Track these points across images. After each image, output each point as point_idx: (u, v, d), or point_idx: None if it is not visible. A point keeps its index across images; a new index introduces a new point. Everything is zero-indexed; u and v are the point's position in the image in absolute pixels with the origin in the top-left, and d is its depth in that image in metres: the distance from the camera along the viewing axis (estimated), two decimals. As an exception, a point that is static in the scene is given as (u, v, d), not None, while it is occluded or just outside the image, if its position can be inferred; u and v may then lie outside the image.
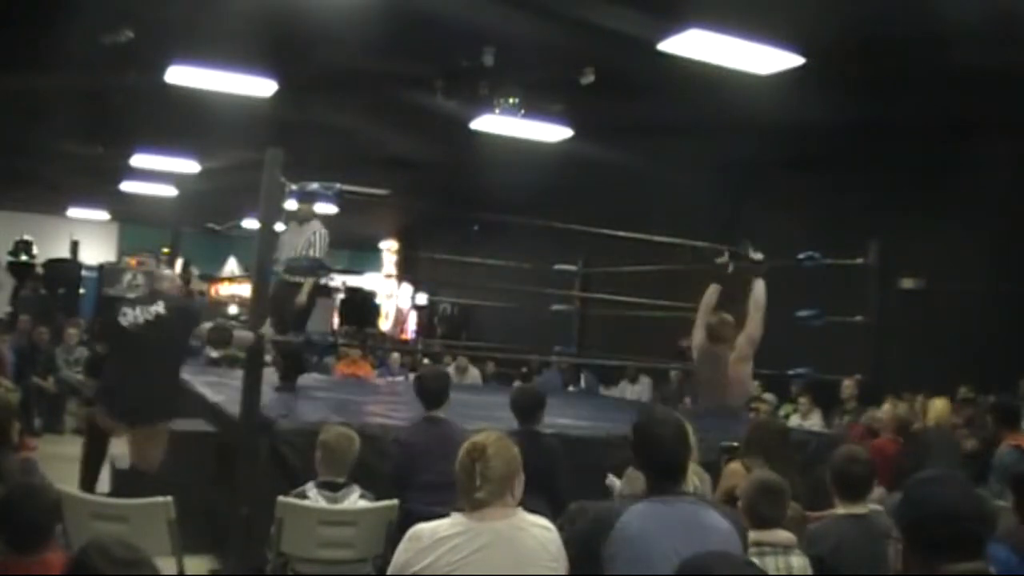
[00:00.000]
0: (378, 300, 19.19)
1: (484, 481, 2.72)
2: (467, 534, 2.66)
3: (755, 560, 2.85)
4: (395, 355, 12.96)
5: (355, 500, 4.18)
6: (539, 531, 2.76)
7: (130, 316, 5.39)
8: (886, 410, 6.98)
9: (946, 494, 2.18)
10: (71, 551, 3.03)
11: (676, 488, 2.73)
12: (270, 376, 6.66)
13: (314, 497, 4.14)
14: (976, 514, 2.17)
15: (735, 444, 4.70)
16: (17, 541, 2.64)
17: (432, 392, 4.86)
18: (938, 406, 6.99)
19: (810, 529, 3.55)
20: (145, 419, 5.33)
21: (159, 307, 5.40)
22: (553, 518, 3.10)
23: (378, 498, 4.26)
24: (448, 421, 4.85)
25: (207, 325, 5.81)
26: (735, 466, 4.38)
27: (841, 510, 3.57)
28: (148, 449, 5.33)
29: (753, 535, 3.16)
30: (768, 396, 10.00)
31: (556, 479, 4.51)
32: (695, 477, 3.59)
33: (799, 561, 3.23)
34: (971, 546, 2.14)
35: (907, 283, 9.60)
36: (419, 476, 4.50)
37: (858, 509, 3.55)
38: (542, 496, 4.06)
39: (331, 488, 4.17)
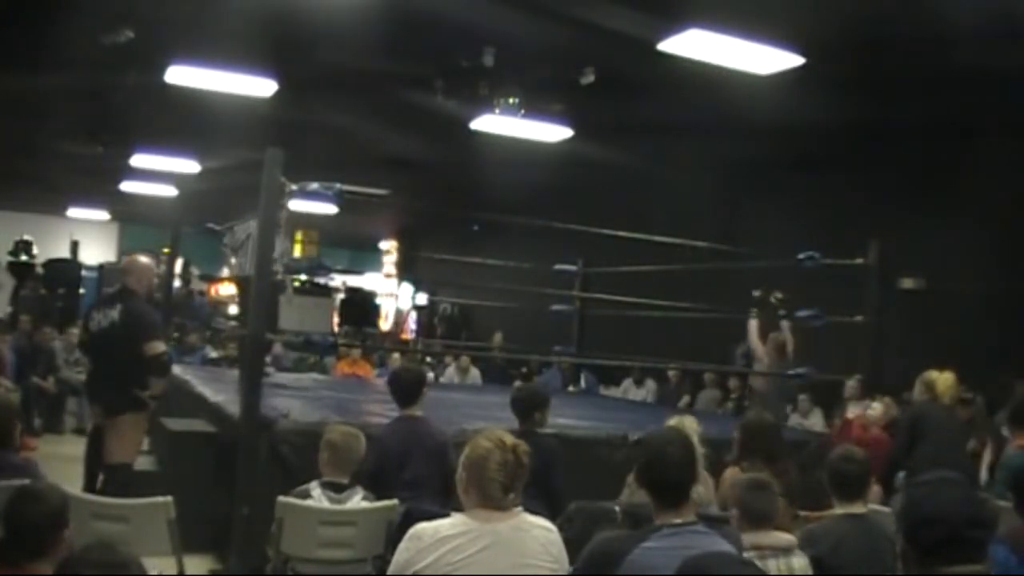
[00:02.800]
0: (378, 300, 19.18)
1: (516, 482, 2.72)
2: (469, 535, 2.65)
3: (756, 563, 2.84)
4: (395, 355, 12.96)
5: (358, 502, 4.19)
6: (541, 532, 2.76)
7: (95, 320, 5.68)
8: (876, 407, 6.74)
9: (945, 498, 2.18)
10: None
11: (680, 508, 2.69)
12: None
13: (318, 497, 4.15)
14: (975, 518, 2.16)
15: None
16: (19, 547, 2.62)
17: (408, 391, 4.83)
18: (945, 379, 6.20)
19: (809, 529, 3.55)
20: (109, 412, 5.49)
21: (115, 313, 5.56)
22: (551, 519, 3.10)
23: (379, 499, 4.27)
24: (425, 419, 4.84)
25: (160, 347, 5.54)
26: (733, 471, 4.38)
27: (839, 510, 3.58)
28: (112, 441, 5.43)
29: (752, 538, 3.16)
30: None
31: (554, 480, 4.50)
32: (700, 485, 3.60)
33: (800, 562, 3.22)
34: (969, 549, 2.14)
35: (907, 283, 9.59)
36: (398, 474, 4.49)
37: (856, 509, 3.56)
38: (540, 497, 4.06)
39: (335, 489, 4.18)
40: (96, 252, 19.81)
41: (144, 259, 6.04)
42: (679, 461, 2.75)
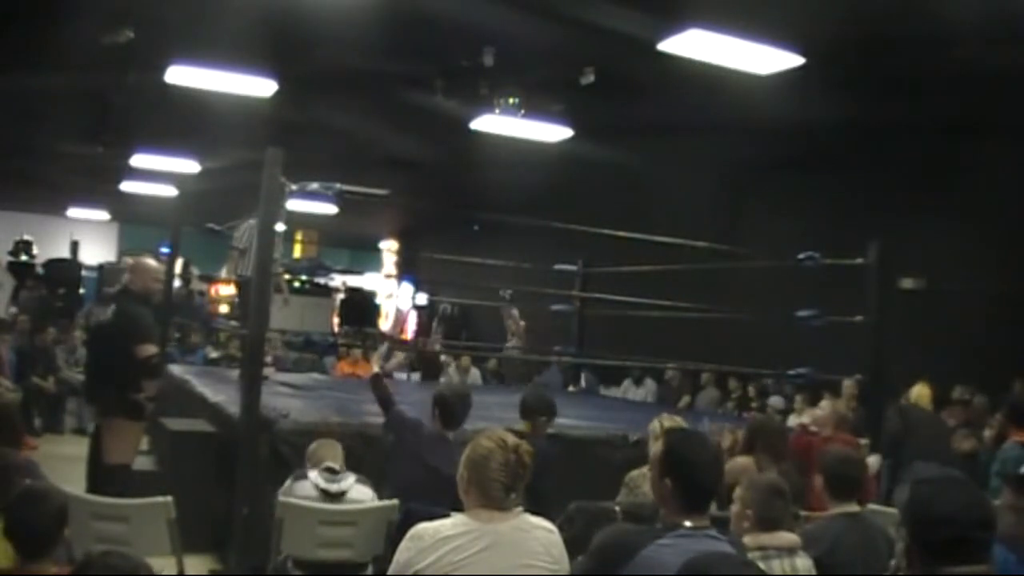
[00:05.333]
0: (378, 300, 19.18)
1: (517, 483, 2.73)
2: (470, 535, 2.65)
3: (760, 564, 2.83)
4: (400, 354, 12.96)
5: (351, 483, 4.24)
6: (542, 533, 2.76)
7: (94, 316, 5.70)
8: (823, 406, 6.66)
9: (953, 499, 2.17)
10: (72, 555, 3.05)
11: (701, 514, 2.64)
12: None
13: (314, 478, 4.19)
14: (980, 519, 2.16)
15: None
16: (22, 547, 2.64)
17: (454, 415, 4.62)
18: (918, 390, 6.60)
19: (807, 529, 3.55)
20: (104, 413, 5.48)
21: (107, 312, 5.58)
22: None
23: (380, 498, 4.28)
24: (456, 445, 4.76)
25: (150, 349, 5.38)
26: (747, 460, 4.36)
27: (834, 509, 3.59)
28: (108, 442, 5.43)
29: (757, 538, 3.14)
30: (775, 400, 10.00)
31: (543, 481, 4.45)
32: None
33: (803, 562, 3.21)
34: (974, 550, 2.13)
35: (907, 283, 9.59)
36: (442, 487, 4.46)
37: (851, 508, 3.58)
38: (528, 498, 4.04)
39: (331, 471, 4.24)
40: (96, 252, 19.79)
41: (149, 261, 6.03)
42: (717, 468, 2.76)
